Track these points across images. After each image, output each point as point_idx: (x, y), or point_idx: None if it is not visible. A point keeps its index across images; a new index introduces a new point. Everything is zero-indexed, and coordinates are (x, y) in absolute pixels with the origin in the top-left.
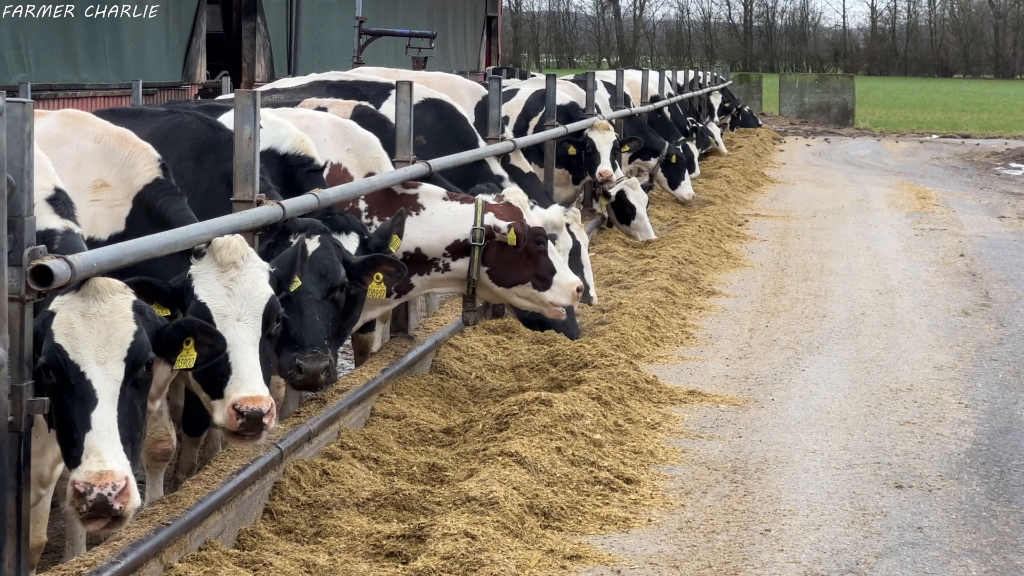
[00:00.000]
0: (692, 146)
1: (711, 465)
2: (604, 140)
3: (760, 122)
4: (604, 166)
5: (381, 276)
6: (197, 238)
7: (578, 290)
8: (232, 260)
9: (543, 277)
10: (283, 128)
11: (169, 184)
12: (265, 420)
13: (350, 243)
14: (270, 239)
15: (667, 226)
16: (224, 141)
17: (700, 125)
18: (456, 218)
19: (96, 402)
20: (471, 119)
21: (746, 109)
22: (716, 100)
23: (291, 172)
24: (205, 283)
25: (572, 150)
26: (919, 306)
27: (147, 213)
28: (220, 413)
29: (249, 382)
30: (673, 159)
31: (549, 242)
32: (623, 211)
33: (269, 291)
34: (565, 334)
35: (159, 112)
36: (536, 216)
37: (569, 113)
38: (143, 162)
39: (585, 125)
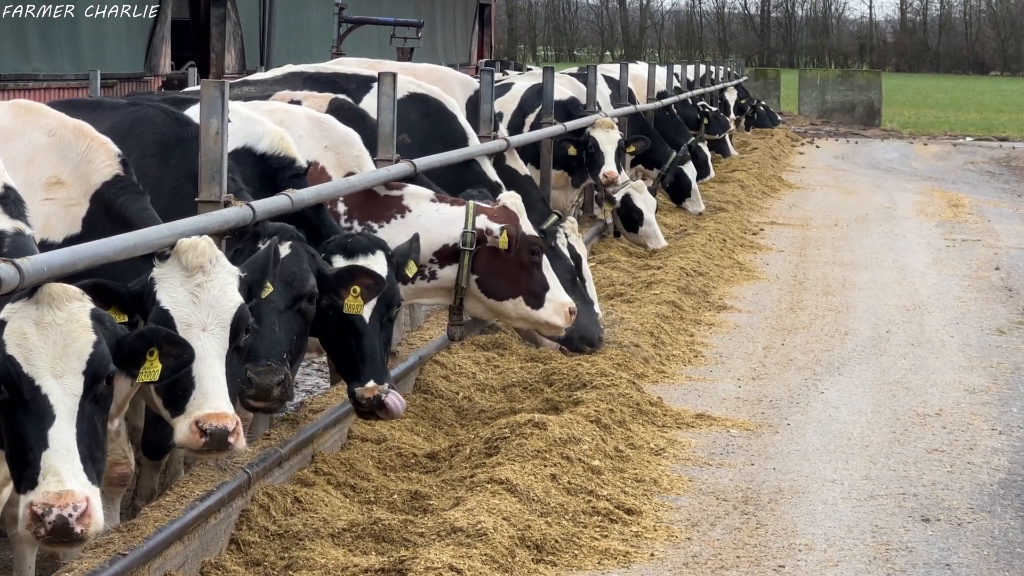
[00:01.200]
0: (704, 148)
1: (720, 495)
2: (608, 139)
3: (779, 118)
4: (608, 167)
5: (359, 290)
6: (159, 241)
7: (571, 311)
8: (199, 264)
9: (536, 293)
10: (259, 124)
11: (130, 182)
12: (231, 439)
13: (377, 263)
14: (238, 244)
15: (675, 234)
16: (191, 136)
17: (714, 109)
18: (445, 221)
19: (53, 419)
20: (462, 116)
21: (762, 107)
22: (730, 97)
23: (271, 175)
24: (169, 288)
25: (572, 150)
26: (950, 323)
27: (106, 213)
28: (182, 430)
29: (213, 398)
30: (672, 166)
31: (544, 257)
32: (629, 217)
33: (239, 299)
34: (585, 343)
35: (120, 104)
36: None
37: (568, 110)
38: (102, 158)
39: (586, 123)
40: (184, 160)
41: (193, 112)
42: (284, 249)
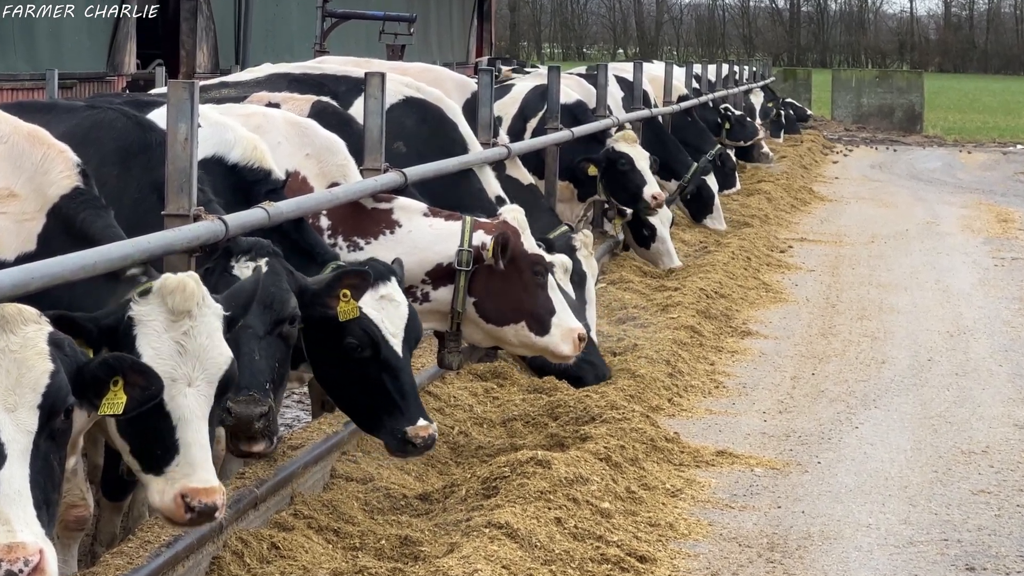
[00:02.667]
0: (732, 155)
1: (743, 541)
2: (640, 154)
3: (808, 114)
4: (653, 187)
5: (348, 293)
6: (120, 259)
7: (580, 338)
8: (187, 308)
9: (540, 318)
10: (230, 130)
11: (92, 195)
12: (217, 514)
13: (391, 289)
14: (209, 262)
15: (694, 252)
16: (156, 143)
17: (738, 114)
18: (439, 237)
19: (4, 458)
20: (464, 123)
21: (792, 110)
22: (757, 99)
23: (244, 188)
24: (150, 335)
25: (592, 170)
26: (998, 351)
27: (65, 230)
28: (164, 499)
29: (201, 469)
30: (694, 177)
31: (550, 277)
32: (640, 232)
33: (228, 353)
34: (592, 378)
35: (77, 107)
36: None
37: (576, 114)
38: (59, 168)
39: (595, 129)
40: (147, 169)
41: (158, 116)
42: (261, 266)
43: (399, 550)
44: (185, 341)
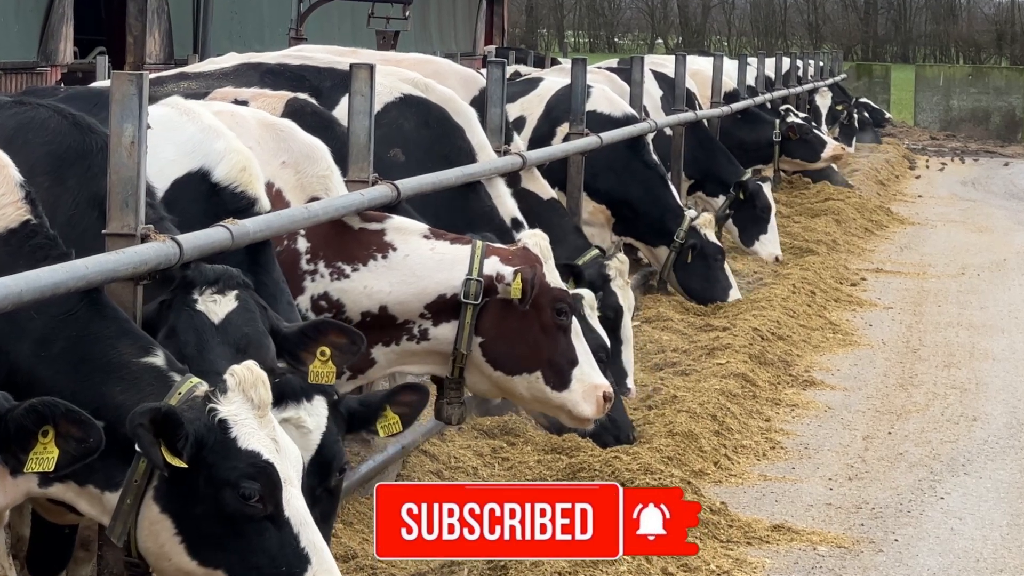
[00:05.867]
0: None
1: None
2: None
3: (886, 117)
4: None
5: (328, 352)
6: (52, 286)
7: (606, 398)
8: (269, 401)
9: (559, 368)
10: (222, 140)
11: (46, 234)
12: None
13: (314, 411)
14: (165, 294)
15: (747, 284)
16: (97, 147)
17: (800, 118)
18: (442, 264)
19: None
20: (477, 126)
21: (865, 115)
22: (823, 101)
23: (222, 216)
24: (251, 437)
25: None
26: None
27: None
28: None
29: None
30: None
31: (574, 319)
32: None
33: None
34: (611, 439)
35: (2, 103)
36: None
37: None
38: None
39: (628, 135)
40: (87, 180)
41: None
42: (227, 302)
43: None
44: (277, 437)
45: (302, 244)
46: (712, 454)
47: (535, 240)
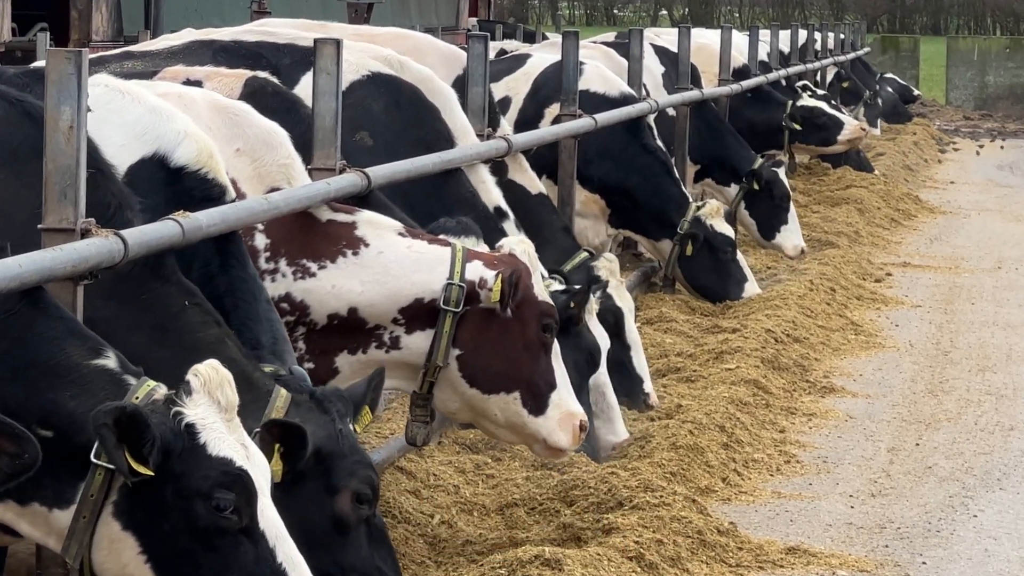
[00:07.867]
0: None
1: None
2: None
3: (915, 95)
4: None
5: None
6: None
7: (582, 427)
8: (236, 402)
9: (538, 391)
10: (176, 121)
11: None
12: None
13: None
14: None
15: (760, 281)
16: None
17: (818, 97)
18: (420, 264)
19: None
20: (457, 107)
21: (890, 91)
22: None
23: (191, 206)
24: (221, 444)
25: (689, 248)
26: None
27: None
28: None
29: None
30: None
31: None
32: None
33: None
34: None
35: None
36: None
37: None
38: None
39: (626, 116)
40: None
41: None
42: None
43: None
44: (245, 442)
45: (260, 240)
46: (720, 469)
47: (521, 247)
